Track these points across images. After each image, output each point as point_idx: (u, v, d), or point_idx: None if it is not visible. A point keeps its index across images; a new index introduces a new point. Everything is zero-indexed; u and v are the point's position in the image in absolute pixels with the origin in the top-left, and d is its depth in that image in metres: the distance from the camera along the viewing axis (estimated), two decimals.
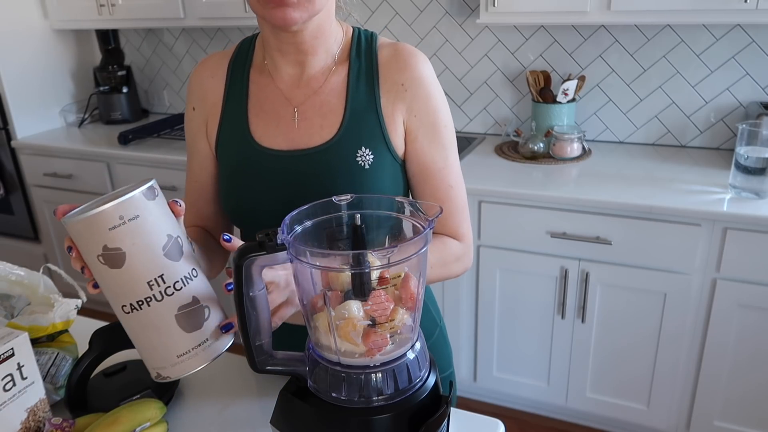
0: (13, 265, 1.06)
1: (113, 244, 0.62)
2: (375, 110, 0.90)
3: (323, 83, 0.91)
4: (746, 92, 2.11)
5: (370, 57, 0.92)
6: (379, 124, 0.90)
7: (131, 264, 0.64)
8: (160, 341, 0.68)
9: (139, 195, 0.64)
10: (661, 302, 1.85)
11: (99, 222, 0.62)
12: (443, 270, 0.94)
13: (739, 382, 1.85)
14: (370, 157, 0.89)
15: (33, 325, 0.94)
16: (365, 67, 0.92)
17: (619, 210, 1.80)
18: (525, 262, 1.98)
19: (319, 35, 0.89)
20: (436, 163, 0.92)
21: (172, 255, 0.66)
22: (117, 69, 3.02)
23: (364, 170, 0.88)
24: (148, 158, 2.52)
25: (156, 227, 0.65)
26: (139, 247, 0.64)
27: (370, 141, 0.89)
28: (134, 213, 0.63)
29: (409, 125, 0.91)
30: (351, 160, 0.88)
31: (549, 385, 2.12)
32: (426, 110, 0.91)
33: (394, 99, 0.90)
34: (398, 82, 0.90)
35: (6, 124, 2.81)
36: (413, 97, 0.90)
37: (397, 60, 0.91)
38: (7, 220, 3.08)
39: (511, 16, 2.06)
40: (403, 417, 0.67)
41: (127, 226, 0.63)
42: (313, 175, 0.89)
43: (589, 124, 2.37)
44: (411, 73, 0.90)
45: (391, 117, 0.90)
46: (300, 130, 0.91)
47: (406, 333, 0.69)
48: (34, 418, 0.84)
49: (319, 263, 0.66)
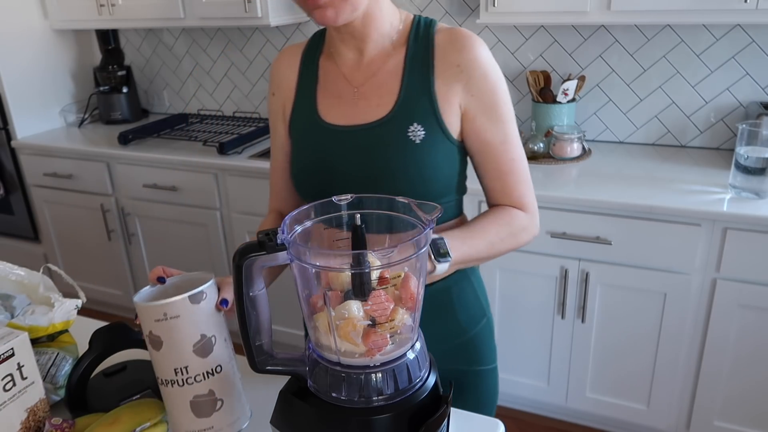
0: (13, 265, 1.06)
1: (156, 332, 0.76)
2: (429, 91, 0.95)
3: (381, 66, 0.99)
4: (746, 92, 2.11)
5: (426, 41, 0.97)
6: (432, 104, 0.95)
7: (165, 351, 0.77)
8: (175, 415, 0.81)
9: (184, 299, 0.76)
10: (661, 302, 1.85)
11: (149, 312, 0.76)
12: (513, 240, 1.00)
13: (739, 382, 1.85)
14: (421, 133, 0.94)
15: (33, 325, 0.94)
16: (422, 51, 0.97)
17: (619, 210, 1.80)
18: (525, 262, 1.98)
19: (371, 22, 0.96)
20: (496, 139, 0.97)
21: (200, 352, 0.78)
22: (117, 69, 3.02)
23: (414, 144, 0.94)
24: (148, 158, 2.52)
25: (192, 327, 0.77)
26: (174, 340, 0.77)
27: (423, 118, 0.94)
28: (176, 313, 0.76)
29: (467, 105, 0.95)
30: (402, 135, 0.94)
31: (549, 385, 2.12)
32: (483, 89, 0.95)
33: (449, 80, 0.95)
34: (454, 63, 0.95)
35: (6, 124, 2.81)
36: (469, 77, 0.94)
37: (453, 43, 0.96)
38: (7, 220, 3.08)
39: (511, 16, 2.06)
40: (403, 417, 0.67)
41: (168, 323, 0.76)
42: (369, 148, 0.96)
43: (589, 124, 2.37)
44: (467, 54, 0.94)
45: (446, 98, 0.95)
46: (359, 107, 0.99)
47: (406, 333, 0.69)
48: (34, 418, 0.84)
49: (319, 263, 0.67)
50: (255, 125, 2.77)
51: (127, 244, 2.78)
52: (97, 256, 2.89)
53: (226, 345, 0.81)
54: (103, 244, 2.83)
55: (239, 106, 3.01)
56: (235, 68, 2.93)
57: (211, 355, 0.79)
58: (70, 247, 2.97)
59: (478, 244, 0.95)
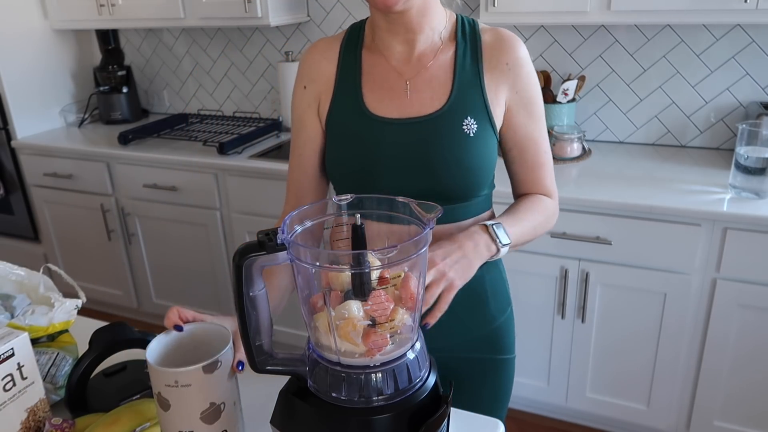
0: (13, 265, 1.06)
1: (165, 394, 0.75)
2: (479, 85, 0.99)
3: (432, 59, 1.00)
4: (746, 92, 2.11)
5: (474, 39, 1.01)
6: (482, 98, 0.99)
7: (173, 414, 0.76)
8: None
9: (198, 369, 0.74)
10: (661, 302, 1.85)
11: (160, 376, 0.74)
12: (547, 225, 1.06)
13: (739, 381, 1.85)
14: (474, 126, 0.97)
15: (33, 325, 0.94)
16: (470, 47, 1.01)
17: (619, 210, 1.80)
18: (525, 262, 1.98)
19: (426, 14, 0.98)
20: (533, 134, 1.03)
21: (208, 419, 0.77)
22: (117, 69, 3.02)
23: (469, 137, 0.97)
24: (148, 158, 2.52)
25: (202, 395, 0.75)
26: (182, 406, 0.75)
27: (475, 112, 0.98)
28: (188, 382, 0.74)
29: (511, 101, 1.00)
30: (458, 128, 0.97)
31: (549, 384, 2.12)
32: (527, 87, 1.01)
33: (498, 77, 0.99)
34: (503, 61, 1.00)
35: (6, 124, 2.81)
36: (516, 75, 1.00)
37: (501, 42, 1.01)
38: (7, 220, 3.08)
39: (511, 16, 2.06)
40: (403, 417, 0.67)
41: (179, 390, 0.74)
42: (423, 141, 0.98)
43: (589, 124, 2.37)
44: (515, 53, 1.00)
45: (494, 93, 0.99)
46: (411, 100, 1.00)
47: (406, 333, 0.69)
48: (34, 418, 0.84)
49: (319, 263, 0.67)
50: (255, 125, 2.77)
51: (127, 244, 2.78)
52: (97, 256, 2.89)
53: (234, 409, 0.80)
54: (103, 244, 2.83)
55: (239, 106, 3.01)
56: (235, 68, 2.93)
57: (218, 422, 0.78)
58: (70, 247, 2.97)
59: (525, 228, 1.00)
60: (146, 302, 2.86)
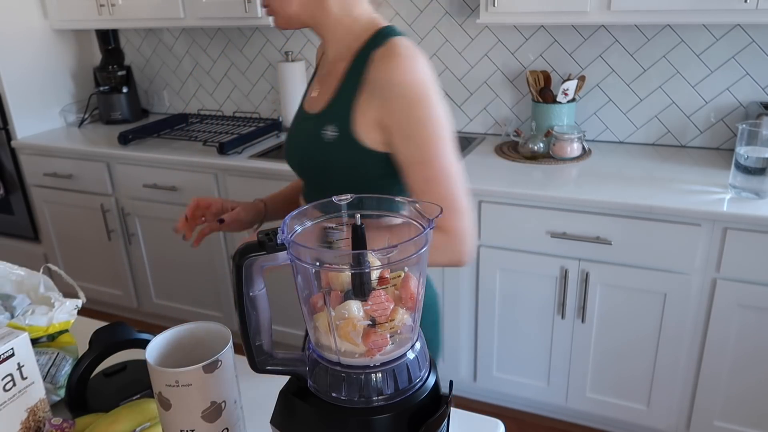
0: (13, 265, 1.06)
1: (166, 394, 0.75)
2: (351, 99, 1.01)
3: (335, 67, 1.08)
4: (746, 92, 2.11)
5: (368, 53, 1.01)
6: (349, 112, 1.01)
7: (174, 413, 0.76)
8: None
9: (198, 369, 0.74)
10: (661, 302, 1.85)
11: (161, 376, 0.74)
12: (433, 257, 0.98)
13: (739, 382, 1.85)
14: (333, 134, 1.03)
15: (33, 326, 0.94)
16: (361, 62, 1.01)
17: (619, 210, 1.80)
18: (525, 262, 1.98)
19: (323, 31, 1.07)
20: (412, 158, 0.98)
21: (209, 418, 0.77)
22: (117, 69, 3.02)
23: (323, 142, 1.04)
24: (148, 158, 2.52)
25: (203, 395, 0.76)
26: (183, 405, 0.76)
27: (339, 122, 1.03)
28: (188, 382, 0.74)
29: (384, 122, 0.99)
30: (319, 132, 1.05)
31: (549, 385, 2.12)
32: (397, 109, 0.97)
33: (369, 95, 0.99)
34: (376, 78, 0.98)
35: (6, 124, 2.81)
36: (385, 99, 0.97)
37: (381, 59, 0.98)
38: (7, 220, 3.08)
39: (511, 16, 2.06)
40: (403, 417, 0.67)
41: (179, 389, 0.74)
42: (299, 135, 1.12)
43: (589, 124, 2.37)
44: (385, 74, 0.97)
45: (362, 110, 1.00)
46: (312, 100, 1.12)
47: (406, 333, 0.69)
48: (34, 418, 0.84)
49: (319, 263, 0.66)
50: (255, 125, 2.77)
51: (127, 244, 2.78)
52: (97, 256, 2.89)
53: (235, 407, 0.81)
54: (103, 244, 2.83)
55: (239, 106, 3.01)
56: (235, 68, 2.93)
57: (219, 420, 0.78)
58: (70, 247, 2.97)
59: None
60: (146, 302, 2.86)
